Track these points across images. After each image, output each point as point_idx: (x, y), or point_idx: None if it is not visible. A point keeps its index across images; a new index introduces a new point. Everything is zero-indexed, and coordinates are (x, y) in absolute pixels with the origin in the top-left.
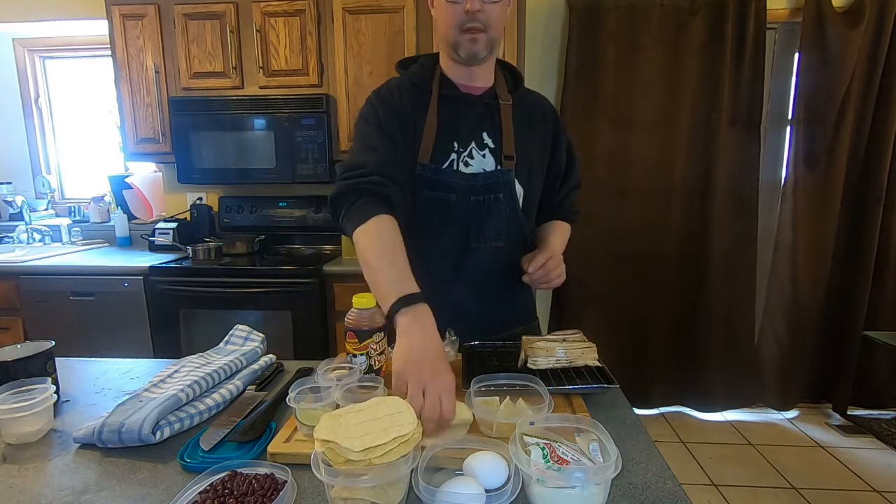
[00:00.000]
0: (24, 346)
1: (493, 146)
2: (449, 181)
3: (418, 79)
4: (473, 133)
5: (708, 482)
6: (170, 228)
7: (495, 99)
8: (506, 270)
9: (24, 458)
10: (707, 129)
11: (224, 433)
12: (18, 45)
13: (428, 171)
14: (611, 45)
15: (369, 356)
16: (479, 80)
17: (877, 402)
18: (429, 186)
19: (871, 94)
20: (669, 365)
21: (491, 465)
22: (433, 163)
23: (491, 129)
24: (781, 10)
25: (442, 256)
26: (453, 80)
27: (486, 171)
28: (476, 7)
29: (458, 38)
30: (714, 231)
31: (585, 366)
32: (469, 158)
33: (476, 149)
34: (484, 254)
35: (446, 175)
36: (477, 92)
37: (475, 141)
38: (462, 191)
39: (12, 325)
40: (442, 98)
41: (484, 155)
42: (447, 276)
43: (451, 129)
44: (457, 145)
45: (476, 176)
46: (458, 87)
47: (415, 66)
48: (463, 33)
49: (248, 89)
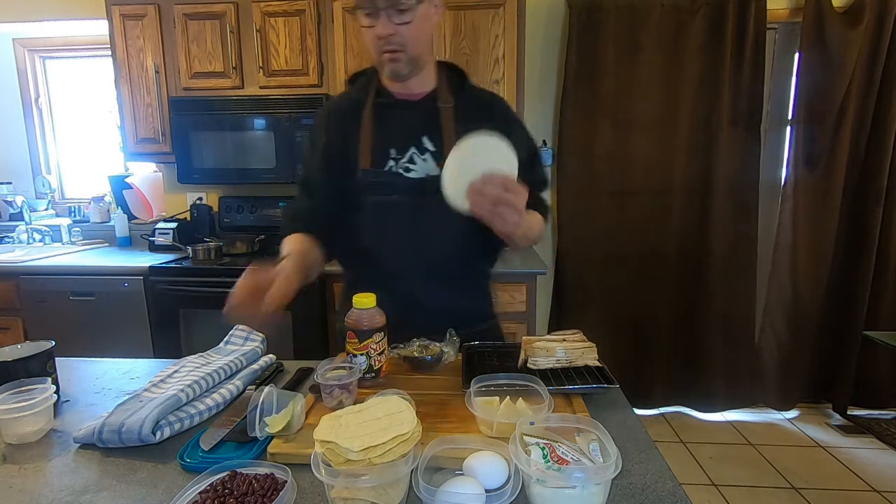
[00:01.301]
0: (24, 346)
1: (433, 150)
2: (391, 182)
3: (359, 91)
4: (411, 138)
5: (708, 482)
6: (170, 228)
7: (435, 102)
8: (467, 269)
9: (24, 458)
10: (707, 129)
11: (224, 433)
12: (18, 45)
13: (369, 176)
14: (611, 45)
15: (369, 356)
16: (416, 87)
17: (877, 402)
18: (372, 191)
19: (871, 94)
20: (669, 365)
21: (491, 465)
22: (374, 167)
23: (431, 133)
24: (781, 10)
25: (402, 259)
26: (389, 89)
27: (429, 175)
28: (387, 32)
29: (380, 59)
30: (714, 231)
31: (585, 366)
32: (410, 164)
33: (417, 153)
34: (440, 254)
35: (388, 177)
36: (415, 98)
37: (415, 146)
38: (408, 195)
39: (12, 325)
40: (377, 106)
41: (425, 159)
42: (411, 277)
43: (386, 135)
44: (394, 151)
45: (422, 180)
46: (393, 95)
47: (361, 79)
48: (383, 55)
49: (248, 89)
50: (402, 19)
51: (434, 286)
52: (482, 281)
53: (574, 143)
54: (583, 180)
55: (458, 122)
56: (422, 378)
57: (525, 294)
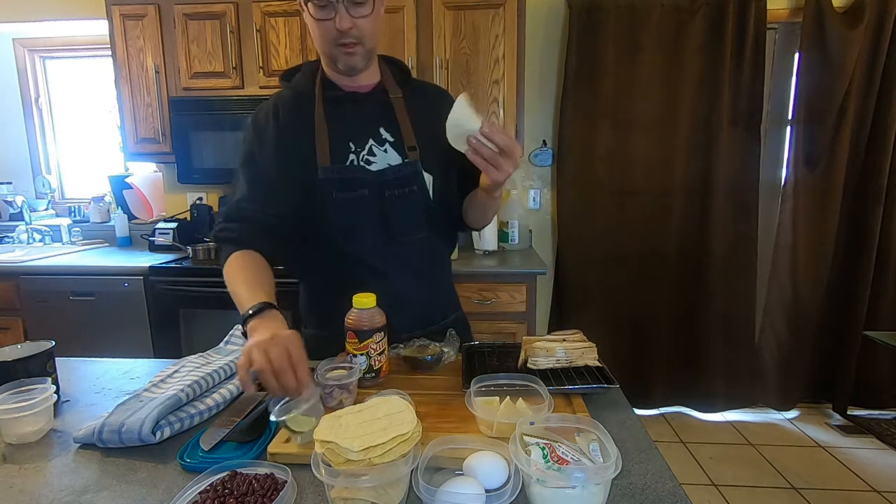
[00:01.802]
0: (24, 346)
1: (392, 140)
2: (356, 177)
3: (302, 86)
4: (368, 130)
5: (708, 482)
6: (170, 228)
7: (385, 94)
8: (434, 259)
9: (24, 458)
10: (707, 129)
11: (224, 433)
12: (18, 45)
13: (332, 172)
14: (611, 45)
15: (369, 356)
16: (363, 79)
17: (877, 402)
18: (337, 187)
19: (871, 94)
20: (669, 365)
21: (491, 465)
22: (335, 163)
23: (387, 124)
24: (781, 10)
25: (371, 254)
26: (336, 82)
27: (391, 165)
28: (347, 25)
29: (334, 52)
30: (714, 231)
31: (585, 366)
32: (370, 156)
33: (375, 145)
34: (411, 245)
35: (352, 172)
36: (364, 90)
37: (373, 138)
38: (374, 187)
39: (12, 325)
40: (328, 100)
41: (385, 150)
42: (381, 271)
43: (343, 129)
44: (353, 145)
45: (384, 171)
46: (342, 88)
47: (298, 76)
48: (337, 47)
49: (248, 89)
50: (360, 12)
51: (408, 280)
52: (447, 271)
53: (574, 143)
54: (583, 180)
55: (411, 112)
56: (422, 378)
57: (525, 294)
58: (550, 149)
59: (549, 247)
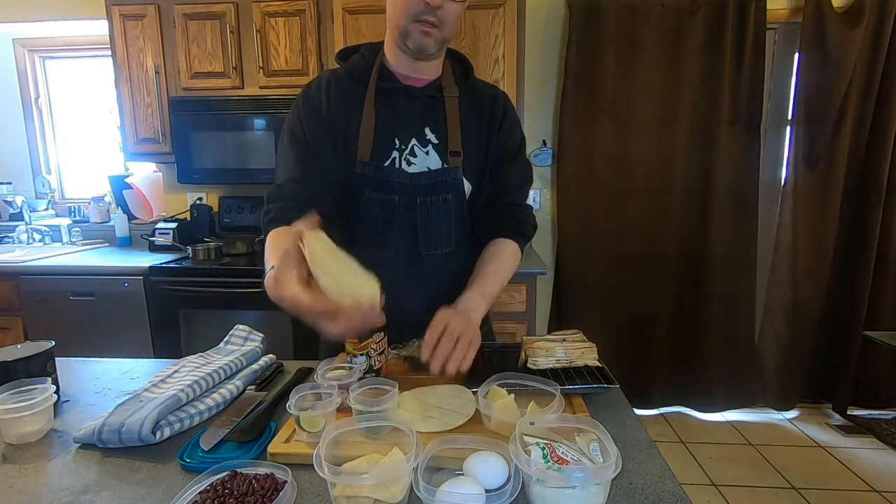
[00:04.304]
0: (24, 346)
1: (436, 142)
2: (391, 181)
3: (356, 70)
4: (414, 128)
5: (708, 482)
6: (170, 228)
7: (440, 91)
8: (459, 276)
9: (24, 458)
10: (707, 129)
11: (224, 433)
12: (18, 45)
13: (369, 170)
14: (611, 45)
15: (369, 356)
16: (424, 72)
17: (877, 402)
18: (370, 186)
19: (871, 94)
20: (669, 365)
21: (491, 465)
22: (374, 160)
23: (434, 124)
24: (781, 10)
25: (391, 265)
26: (395, 72)
27: (430, 169)
28: (438, 2)
29: (409, 28)
30: (714, 231)
31: (585, 366)
32: (411, 157)
33: (418, 146)
34: (435, 259)
35: (389, 174)
36: (420, 84)
37: (416, 137)
38: (406, 192)
39: (12, 325)
40: (380, 91)
41: (427, 152)
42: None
43: (390, 123)
44: (398, 142)
45: (420, 175)
46: (399, 79)
47: (355, 56)
48: (416, 23)
49: (248, 89)
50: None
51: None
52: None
53: (574, 143)
54: (583, 180)
55: (463, 114)
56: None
57: (525, 294)
58: (550, 149)
59: (549, 247)
